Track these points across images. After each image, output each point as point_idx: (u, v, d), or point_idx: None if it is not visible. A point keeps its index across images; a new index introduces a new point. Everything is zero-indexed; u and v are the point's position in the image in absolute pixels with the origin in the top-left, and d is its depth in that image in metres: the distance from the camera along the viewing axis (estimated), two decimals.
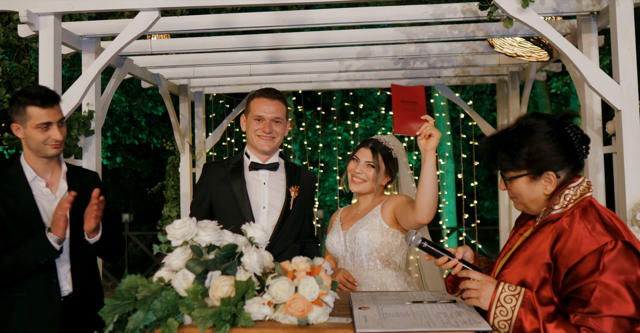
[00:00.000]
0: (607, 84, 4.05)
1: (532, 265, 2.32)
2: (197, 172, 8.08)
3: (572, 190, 2.38)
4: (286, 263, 2.26)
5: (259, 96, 3.59)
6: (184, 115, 7.98)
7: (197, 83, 8.07)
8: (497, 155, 2.46)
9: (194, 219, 2.31)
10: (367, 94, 19.05)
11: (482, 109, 19.79)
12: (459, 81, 7.96)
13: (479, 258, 2.78)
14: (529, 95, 7.14)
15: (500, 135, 2.48)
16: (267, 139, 3.56)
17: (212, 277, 2.16)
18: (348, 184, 3.76)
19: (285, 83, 7.89)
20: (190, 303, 2.10)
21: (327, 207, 17.49)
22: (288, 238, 3.60)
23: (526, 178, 2.42)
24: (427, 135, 3.07)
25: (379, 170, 3.65)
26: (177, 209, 8.15)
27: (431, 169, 3.11)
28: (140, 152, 19.77)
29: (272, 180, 3.64)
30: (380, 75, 7.67)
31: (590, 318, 2.13)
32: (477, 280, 2.36)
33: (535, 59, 5.84)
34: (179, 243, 2.26)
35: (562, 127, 2.39)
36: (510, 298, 2.26)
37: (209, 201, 3.61)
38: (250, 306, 2.12)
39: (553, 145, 2.36)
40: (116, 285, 2.49)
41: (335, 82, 7.95)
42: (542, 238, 2.36)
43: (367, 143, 3.73)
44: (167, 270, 2.23)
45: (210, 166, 3.72)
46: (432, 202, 3.14)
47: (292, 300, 2.12)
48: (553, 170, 2.38)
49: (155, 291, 2.12)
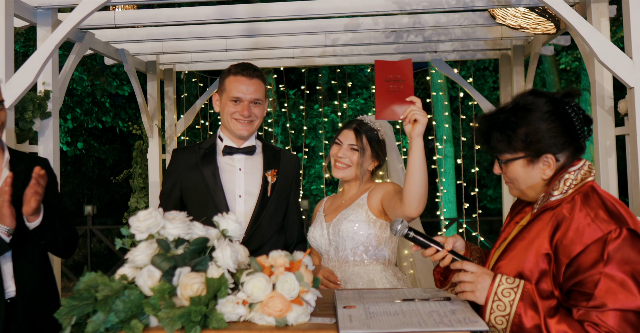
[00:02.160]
0: (619, 58, 4.07)
1: (530, 256, 2.34)
2: (167, 159, 8.07)
3: (572, 175, 2.40)
4: (263, 258, 2.27)
5: (236, 74, 3.53)
6: (152, 96, 7.97)
7: (167, 59, 8.05)
8: (492, 136, 2.48)
9: (160, 210, 2.30)
10: (357, 70, 19.04)
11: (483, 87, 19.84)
12: (458, 56, 7.98)
13: (471, 247, 2.80)
14: (534, 71, 7.16)
15: (495, 114, 2.49)
16: (245, 123, 3.53)
17: (180, 274, 2.16)
18: (331, 171, 3.75)
19: (265, 59, 7.89)
20: (157, 303, 2.09)
21: (313, 196, 17.50)
22: (267, 229, 3.57)
23: (523, 161, 2.44)
24: (412, 120, 3.04)
25: (363, 154, 3.63)
26: (145, 200, 8.15)
27: (418, 157, 3.08)
28: (104, 136, 19.72)
29: (249, 165, 3.62)
30: (371, 50, 7.67)
31: (594, 313, 2.15)
32: (471, 272, 2.38)
33: (541, 32, 5.85)
34: (144, 237, 2.26)
35: (562, 107, 2.41)
36: (509, 291, 2.27)
37: (179, 190, 3.60)
38: (223, 306, 2.12)
39: (552, 126, 2.38)
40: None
41: (321, 57, 7.94)
42: (540, 226, 2.38)
43: (351, 124, 3.72)
44: (130, 266, 2.23)
45: (179, 152, 3.71)
46: (420, 193, 3.13)
47: (269, 298, 2.12)
48: (552, 152, 2.40)
49: (117, 290, 2.12)
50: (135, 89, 7.68)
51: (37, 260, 3.42)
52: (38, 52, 4.51)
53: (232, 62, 3.67)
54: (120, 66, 9.09)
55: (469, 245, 2.79)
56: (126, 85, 16.07)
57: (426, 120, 3.04)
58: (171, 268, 2.17)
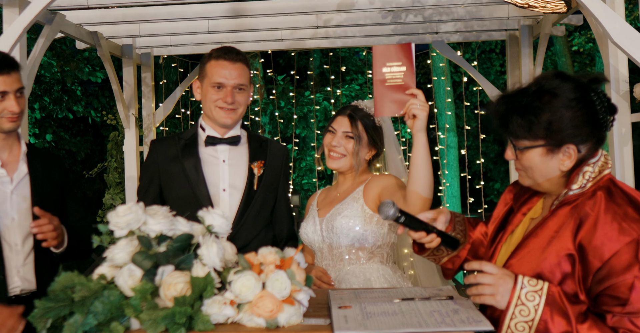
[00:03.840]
0: (634, 39, 4.08)
1: (549, 256, 2.33)
2: (145, 152, 8.06)
3: (591, 167, 2.40)
4: (251, 255, 2.28)
5: (217, 58, 3.55)
6: (128, 82, 7.97)
7: (144, 43, 8.04)
8: (512, 119, 2.43)
9: (141, 204, 2.31)
10: (351, 54, 19.04)
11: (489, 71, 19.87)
12: (462, 38, 7.99)
13: (455, 219, 2.81)
14: (544, 53, 7.15)
15: (516, 96, 2.45)
16: (228, 111, 3.54)
17: (163, 272, 2.17)
18: (325, 161, 3.77)
19: (251, 42, 7.88)
20: (138, 305, 2.11)
21: (304, 191, 17.48)
22: (254, 226, 3.59)
23: (542, 149, 2.41)
24: (411, 115, 3.08)
25: (359, 142, 3.63)
26: (121, 196, 8.16)
27: (422, 154, 3.12)
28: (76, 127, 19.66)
29: (233, 156, 3.63)
30: (366, 32, 7.67)
31: (630, 319, 2.16)
32: (491, 273, 2.31)
33: (551, 10, 5.87)
34: (124, 234, 2.27)
35: (589, 94, 2.39)
36: (533, 295, 2.24)
37: (158, 185, 3.61)
38: (209, 307, 2.14)
39: (578, 114, 2.36)
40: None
41: (312, 40, 7.95)
42: (558, 223, 2.38)
43: (345, 110, 3.71)
44: (109, 265, 2.24)
45: (158, 143, 3.73)
46: (426, 193, 3.16)
47: (259, 298, 2.14)
48: (574, 143, 2.38)
49: (95, 291, 2.13)
50: (110, 75, 7.68)
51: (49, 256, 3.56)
52: (4, 35, 4.52)
53: (215, 46, 3.69)
54: (93, 50, 9.07)
55: (453, 217, 2.80)
56: (99, 71, 16.03)
57: (426, 114, 3.06)
58: (153, 266, 2.19)
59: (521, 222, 2.59)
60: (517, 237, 2.57)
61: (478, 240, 2.86)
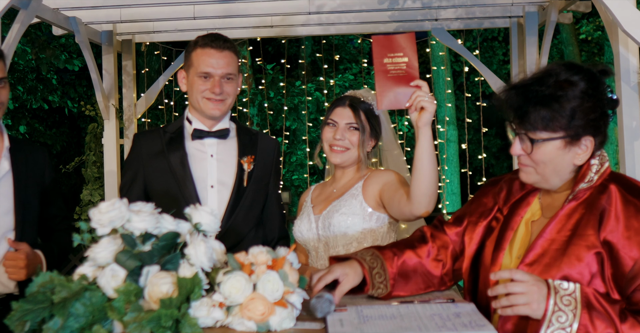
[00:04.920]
0: None
1: (574, 256, 2.34)
2: (126, 145, 8.08)
3: (597, 160, 2.45)
4: (241, 254, 2.29)
5: (204, 46, 3.54)
6: (108, 71, 7.96)
7: (125, 29, 8.03)
8: (532, 111, 2.41)
9: (125, 201, 2.31)
10: (345, 41, 19.02)
11: (492, 61, 19.88)
12: (463, 25, 8.00)
13: (372, 271, 2.70)
14: (550, 42, 7.18)
15: (533, 86, 2.45)
16: (216, 102, 3.54)
17: (148, 273, 2.17)
18: (325, 157, 3.75)
19: (239, 28, 7.88)
20: (122, 307, 2.10)
21: (295, 188, 17.46)
22: (244, 224, 3.60)
23: (561, 142, 2.42)
24: (418, 108, 3.06)
25: (364, 132, 3.61)
26: (100, 192, 8.16)
27: (427, 149, 3.10)
28: (51, 118, 19.61)
29: (222, 150, 3.64)
30: (361, 18, 7.67)
31: None
32: (522, 281, 2.26)
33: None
34: (107, 232, 2.27)
35: (601, 84, 2.42)
36: (568, 299, 2.22)
37: (143, 181, 3.61)
38: (197, 309, 2.14)
39: (596, 104, 2.39)
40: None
41: (304, 26, 7.95)
42: (572, 221, 2.40)
43: (343, 101, 3.69)
44: (91, 265, 2.24)
45: (141, 136, 3.72)
46: (431, 190, 3.15)
47: (249, 300, 2.15)
48: (592, 135, 2.41)
49: (76, 292, 2.13)
50: (89, 63, 7.66)
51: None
52: None
53: (201, 32, 3.69)
54: (70, 37, 9.09)
55: (369, 271, 2.69)
56: (77, 59, 15.97)
57: (434, 107, 3.04)
58: (138, 267, 2.18)
59: (519, 226, 2.59)
60: (521, 242, 2.56)
61: (456, 242, 2.86)
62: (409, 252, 2.79)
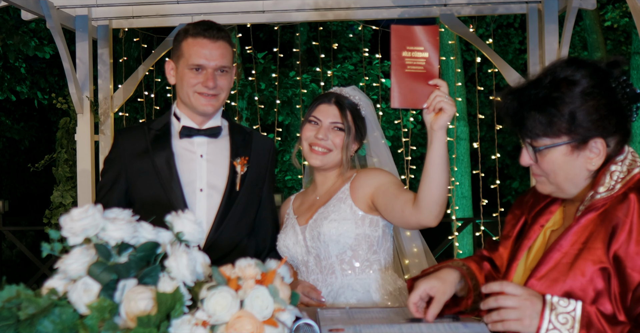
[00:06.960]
0: None
1: (580, 271, 2.34)
2: (101, 141, 8.07)
3: (619, 166, 2.43)
4: (227, 268, 2.28)
5: (196, 35, 3.53)
6: (82, 60, 7.95)
7: (101, 13, 8.02)
8: (528, 116, 2.44)
9: (99, 207, 2.30)
10: (344, 28, 19.01)
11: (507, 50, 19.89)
12: (474, 11, 7.99)
13: (472, 281, 2.73)
14: (571, 29, 7.15)
15: (528, 89, 2.47)
16: (209, 97, 3.54)
17: (124, 287, 2.17)
18: (305, 158, 3.74)
19: (227, 13, 7.87)
20: (95, 325, 2.10)
21: (288, 189, 17.44)
22: (236, 233, 3.59)
23: (566, 147, 2.43)
24: (436, 109, 3.08)
25: (349, 134, 3.62)
26: (72, 194, 8.15)
27: (441, 154, 3.12)
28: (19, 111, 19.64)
29: (213, 150, 3.63)
30: (362, 3, 7.69)
31: None
32: (514, 295, 2.29)
33: None
34: (79, 241, 2.26)
35: (607, 79, 2.42)
36: (565, 317, 2.23)
37: (124, 183, 3.60)
38: (178, 328, 2.13)
39: (601, 103, 2.38)
40: None
41: (299, 12, 7.94)
42: (585, 233, 2.39)
43: (329, 98, 3.69)
44: (62, 278, 2.23)
45: (124, 134, 3.71)
46: (443, 197, 3.17)
47: (236, 319, 2.14)
48: (602, 136, 2.40)
49: (45, 308, 2.12)
50: (61, 51, 7.63)
51: None
52: None
53: (185, 18, 3.69)
54: (41, 22, 9.05)
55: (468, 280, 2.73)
56: (48, 46, 15.96)
57: (454, 110, 3.07)
58: (113, 280, 2.18)
59: (539, 236, 2.60)
60: (536, 252, 2.58)
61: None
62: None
